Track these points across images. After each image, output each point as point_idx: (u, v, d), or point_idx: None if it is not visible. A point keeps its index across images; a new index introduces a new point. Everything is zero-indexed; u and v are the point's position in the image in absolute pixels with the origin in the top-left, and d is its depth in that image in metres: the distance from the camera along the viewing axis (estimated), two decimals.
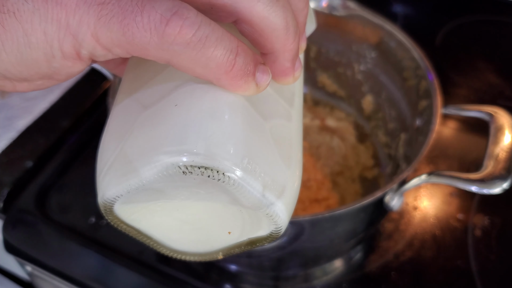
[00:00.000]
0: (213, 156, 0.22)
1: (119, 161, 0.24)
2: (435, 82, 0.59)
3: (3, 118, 0.76)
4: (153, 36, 0.21)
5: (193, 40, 0.21)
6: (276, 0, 0.23)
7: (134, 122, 0.25)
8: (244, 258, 0.56)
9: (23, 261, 0.66)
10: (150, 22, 0.21)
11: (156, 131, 0.23)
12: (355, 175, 0.72)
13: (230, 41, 0.22)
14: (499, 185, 0.49)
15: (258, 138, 0.24)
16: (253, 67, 0.23)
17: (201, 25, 0.21)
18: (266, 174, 0.24)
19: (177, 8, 0.21)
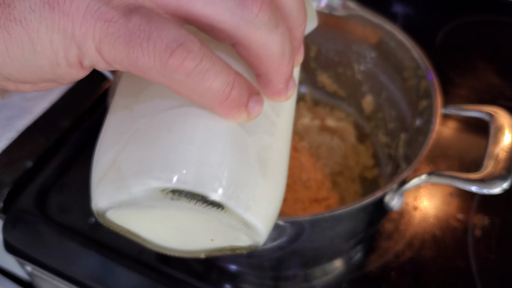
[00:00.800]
0: (201, 185, 0.24)
1: (113, 174, 0.26)
2: (435, 82, 0.59)
3: (3, 118, 0.76)
4: (156, 63, 0.22)
5: (193, 72, 0.22)
6: (275, 27, 0.24)
7: (128, 132, 0.26)
8: (244, 258, 0.56)
9: (23, 261, 0.66)
10: (155, 50, 0.21)
11: (149, 153, 0.25)
12: (355, 175, 0.72)
13: (228, 75, 0.23)
14: (499, 185, 0.49)
15: (244, 163, 0.26)
16: (246, 98, 0.24)
17: (203, 59, 0.22)
18: (250, 199, 0.26)
19: (182, 39, 0.22)
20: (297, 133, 0.77)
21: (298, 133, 0.77)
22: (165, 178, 0.24)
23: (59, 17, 0.23)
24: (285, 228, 0.49)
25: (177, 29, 0.22)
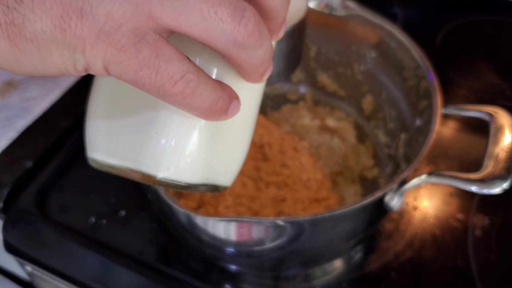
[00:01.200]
0: (179, 175, 0.31)
1: (108, 142, 0.32)
2: (435, 82, 0.59)
3: (3, 118, 0.77)
4: (160, 89, 0.25)
5: (189, 96, 0.26)
6: (260, 46, 0.26)
7: (121, 110, 0.31)
8: (244, 258, 0.57)
9: (23, 261, 0.66)
10: (161, 80, 0.25)
11: (141, 144, 0.30)
12: (355, 175, 0.72)
13: (216, 92, 0.27)
14: (499, 185, 0.49)
15: (217, 148, 0.32)
16: (227, 106, 0.28)
17: (199, 85, 0.26)
18: (218, 174, 0.33)
19: (184, 72, 0.25)
20: (297, 133, 0.77)
21: (298, 133, 0.77)
22: (153, 170, 0.31)
23: (71, 39, 0.24)
24: (285, 228, 0.49)
25: (181, 62, 0.25)
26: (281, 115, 0.81)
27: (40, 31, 0.24)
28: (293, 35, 0.51)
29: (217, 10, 0.24)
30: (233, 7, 0.24)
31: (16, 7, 0.24)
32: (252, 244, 0.53)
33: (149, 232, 0.65)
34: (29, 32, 0.24)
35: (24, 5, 0.24)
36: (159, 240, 0.64)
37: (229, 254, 0.56)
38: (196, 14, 0.24)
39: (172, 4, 0.24)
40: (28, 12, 0.24)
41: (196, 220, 0.52)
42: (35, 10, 0.24)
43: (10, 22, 0.24)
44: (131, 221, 0.66)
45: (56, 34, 0.24)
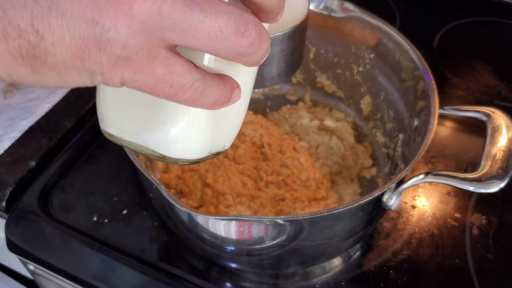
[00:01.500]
0: (188, 155, 0.34)
1: (121, 121, 0.33)
2: (432, 82, 0.60)
3: (6, 118, 0.77)
4: (172, 97, 0.28)
5: (197, 99, 0.28)
6: (260, 49, 0.28)
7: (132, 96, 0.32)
8: (244, 256, 0.57)
9: (26, 260, 0.67)
10: (174, 91, 0.27)
11: (152, 127, 0.32)
12: (354, 174, 0.72)
13: (220, 90, 0.29)
14: (496, 185, 0.50)
15: (220, 125, 0.35)
16: (230, 96, 0.30)
17: (206, 89, 0.28)
18: (220, 144, 0.36)
19: (193, 81, 0.27)
20: (297, 133, 0.77)
21: (297, 133, 0.77)
22: (160, 149, 0.33)
23: (90, 66, 0.26)
24: (284, 226, 0.49)
25: (190, 73, 0.27)
26: (281, 115, 0.81)
27: (61, 61, 0.26)
28: (294, 36, 0.51)
29: (222, 30, 0.26)
30: (237, 24, 0.26)
31: (38, 43, 0.25)
32: (252, 242, 0.53)
33: (151, 231, 0.65)
34: (51, 62, 0.26)
35: (45, 41, 0.25)
36: (161, 239, 0.65)
37: (229, 253, 0.56)
38: (204, 35, 0.26)
39: (182, 30, 0.26)
40: (49, 46, 0.25)
41: (197, 219, 0.52)
42: (55, 44, 0.25)
43: (32, 55, 0.26)
44: (132, 220, 0.66)
45: (76, 63, 0.26)
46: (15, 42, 0.25)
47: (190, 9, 0.25)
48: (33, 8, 0.24)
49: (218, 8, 0.26)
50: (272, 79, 0.55)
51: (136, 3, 0.24)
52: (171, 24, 0.25)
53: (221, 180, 0.67)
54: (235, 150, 0.72)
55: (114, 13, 0.25)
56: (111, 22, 0.25)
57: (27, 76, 0.27)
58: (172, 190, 0.69)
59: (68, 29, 0.25)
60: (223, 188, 0.66)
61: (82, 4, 0.24)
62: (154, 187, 0.50)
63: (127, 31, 0.25)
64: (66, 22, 0.25)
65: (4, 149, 0.73)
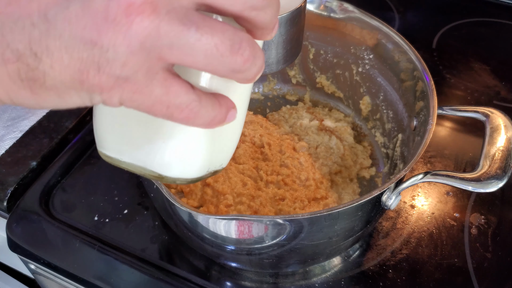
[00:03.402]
0: (186, 174, 0.34)
1: (118, 143, 0.34)
2: (431, 83, 0.60)
3: (7, 118, 0.77)
4: (169, 117, 0.28)
5: (192, 118, 0.28)
6: (254, 65, 0.28)
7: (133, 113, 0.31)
8: (244, 255, 0.57)
9: (27, 259, 0.67)
10: (171, 111, 0.28)
11: (150, 148, 0.33)
12: (353, 174, 0.73)
13: (215, 110, 0.29)
14: (495, 185, 0.50)
15: (216, 144, 0.35)
16: (225, 116, 0.30)
17: (201, 109, 0.28)
18: (217, 163, 0.36)
19: (190, 102, 0.28)
20: (296, 134, 0.78)
21: (297, 134, 0.78)
22: (157, 170, 0.33)
23: (89, 86, 0.26)
24: (284, 226, 0.50)
25: (186, 94, 0.28)
26: (281, 115, 0.82)
27: (60, 83, 0.26)
28: (293, 20, 0.51)
29: (218, 48, 0.26)
30: (232, 42, 0.27)
31: (36, 66, 0.25)
32: (252, 242, 0.53)
33: (151, 230, 0.66)
34: (50, 84, 0.26)
35: (43, 63, 0.25)
36: (161, 238, 0.65)
37: (229, 252, 0.57)
38: (200, 53, 0.26)
39: (180, 48, 0.26)
40: (48, 69, 0.25)
41: (197, 219, 0.52)
42: (54, 66, 0.25)
43: (31, 78, 0.26)
44: (133, 220, 0.67)
45: (75, 84, 0.26)
46: (14, 66, 0.25)
47: (187, 27, 0.25)
48: (31, 31, 0.24)
49: (213, 27, 0.26)
50: (271, 65, 0.55)
51: (134, 22, 0.24)
52: (169, 43, 0.25)
53: (221, 179, 0.67)
54: (235, 150, 0.72)
55: (112, 33, 0.24)
56: (110, 42, 0.25)
57: (27, 98, 0.27)
58: (173, 190, 0.69)
59: (67, 51, 0.25)
60: (223, 187, 0.66)
61: (80, 25, 0.24)
62: (154, 187, 0.50)
63: (126, 50, 0.25)
64: (64, 44, 0.25)
65: (5, 149, 0.73)
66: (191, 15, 0.26)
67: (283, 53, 0.54)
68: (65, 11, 0.24)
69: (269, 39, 0.33)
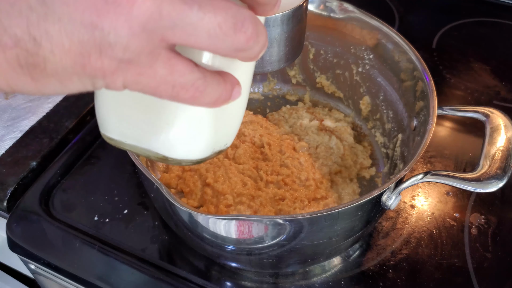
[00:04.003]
0: (191, 155, 0.34)
1: (122, 125, 0.33)
2: (431, 83, 0.60)
3: (7, 118, 0.77)
4: (174, 97, 0.28)
5: (198, 97, 0.28)
6: (258, 43, 0.28)
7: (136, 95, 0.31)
8: (244, 255, 0.57)
9: (27, 259, 0.67)
10: (176, 91, 0.27)
11: (154, 130, 0.32)
12: (353, 174, 0.73)
13: (220, 88, 0.29)
14: (495, 185, 0.50)
15: (221, 124, 0.35)
16: (230, 94, 0.30)
17: (206, 88, 0.28)
18: (222, 143, 0.36)
19: (195, 80, 0.27)
20: (296, 134, 0.78)
21: (297, 134, 0.78)
22: (161, 150, 0.33)
23: (91, 70, 0.25)
24: (284, 226, 0.50)
25: (191, 73, 0.27)
26: (281, 115, 0.82)
27: (61, 68, 0.25)
28: (296, 17, 0.51)
29: (221, 26, 0.26)
30: (234, 20, 0.26)
31: (36, 51, 0.24)
32: (252, 242, 0.53)
33: (151, 231, 0.66)
34: (51, 69, 0.25)
35: (43, 48, 0.24)
36: (161, 238, 0.65)
37: (229, 252, 0.57)
38: (203, 33, 0.26)
39: (182, 28, 0.25)
40: (48, 54, 0.25)
41: (197, 219, 0.52)
42: (54, 51, 0.24)
43: (30, 64, 0.25)
44: (133, 220, 0.67)
45: (76, 69, 0.25)
46: (12, 52, 0.24)
47: (189, 7, 0.25)
48: (29, 15, 0.24)
49: (216, 5, 0.26)
50: (273, 63, 0.55)
51: (136, 3, 0.24)
52: (171, 23, 0.25)
53: (221, 180, 0.67)
54: (235, 150, 0.72)
55: (113, 15, 0.24)
56: (111, 24, 0.24)
57: (27, 85, 0.26)
58: (173, 190, 0.69)
59: (67, 34, 0.24)
60: (223, 187, 0.66)
61: (80, 7, 0.24)
62: (155, 187, 0.50)
63: (128, 32, 0.24)
64: (64, 27, 0.24)
65: (5, 149, 0.73)
66: None
67: (285, 51, 0.54)
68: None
69: (271, 15, 0.32)
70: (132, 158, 0.53)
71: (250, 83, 0.37)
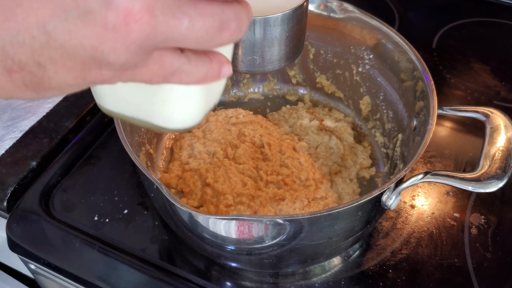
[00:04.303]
0: (185, 124, 0.36)
1: (118, 98, 0.35)
2: (431, 83, 0.60)
3: (7, 118, 0.77)
4: (164, 81, 0.30)
5: (185, 78, 0.30)
6: (240, 32, 0.30)
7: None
8: (244, 255, 0.57)
9: (27, 259, 0.67)
10: (166, 78, 0.29)
11: (150, 103, 0.35)
12: (353, 174, 0.73)
13: (206, 68, 0.30)
14: (495, 185, 0.50)
15: (209, 93, 0.37)
16: (219, 72, 0.31)
17: (192, 69, 0.30)
18: (211, 106, 0.38)
19: (181, 64, 0.29)
20: (296, 134, 0.78)
21: (297, 134, 0.78)
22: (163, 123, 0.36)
23: (91, 80, 0.28)
24: (284, 226, 0.50)
25: (178, 60, 0.29)
26: (281, 115, 0.82)
27: (64, 82, 0.27)
28: (297, 17, 0.51)
29: (208, 32, 0.28)
30: (220, 24, 0.28)
31: (41, 73, 0.26)
32: (252, 242, 0.53)
33: (151, 230, 0.66)
34: (54, 85, 0.27)
35: (47, 70, 0.26)
36: (161, 238, 0.65)
37: (229, 252, 0.57)
38: (193, 40, 0.28)
39: (174, 40, 0.27)
40: (52, 74, 0.26)
41: (197, 219, 0.52)
42: (58, 71, 0.26)
43: (36, 83, 0.27)
44: (133, 220, 0.67)
45: (78, 82, 0.27)
46: (18, 75, 0.26)
47: (180, 21, 0.26)
48: (32, 44, 0.25)
49: (203, 13, 0.27)
50: (274, 62, 0.55)
51: (133, 29, 0.25)
52: (164, 38, 0.27)
53: (221, 180, 0.67)
54: (235, 150, 0.73)
55: (112, 40, 0.25)
56: (110, 48, 0.26)
57: (29, 97, 0.28)
58: (173, 190, 0.69)
59: (69, 57, 0.26)
60: (223, 187, 0.66)
61: (80, 35, 0.25)
62: (155, 187, 0.50)
63: (125, 52, 0.26)
64: (66, 52, 0.26)
65: (5, 149, 0.73)
66: (183, 4, 0.27)
67: (286, 50, 0.54)
68: (64, 23, 0.25)
69: None
70: (132, 158, 0.53)
71: (232, 52, 0.39)
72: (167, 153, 0.76)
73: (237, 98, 0.86)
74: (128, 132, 0.62)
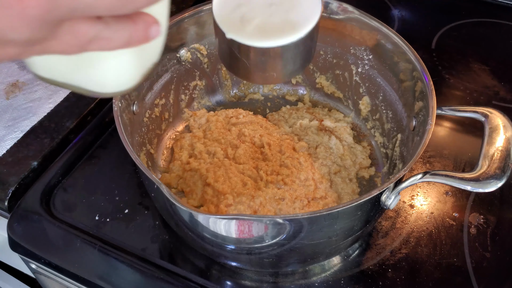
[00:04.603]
0: (121, 87, 0.36)
1: (52, 64, 0.34)
2: (430, 83, 0.60)
3: (8, 118, 0.77)
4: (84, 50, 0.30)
5: (107, 44, 0.30)
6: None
7: None
8: (244, 255, 0.57)
9: (28, 259, 0.67)
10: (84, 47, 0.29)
11: (84, 69, 0.34)
12: (352, 174, 0.73)
13: (129, 30, 0.30)
14: (494, 185, 0.51)
15: (145, 53, 0.36)
16: (146, 33, 0.31)
17: (112, 34, 0.29)
18: (150, 65, 0.37)
19: (98, 32, 0.29)
20: (296, 134, 0.78)
21: (297, 134, 0.78)
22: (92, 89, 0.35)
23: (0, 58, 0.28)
24: (284, 225, 0.50)
25: (94, 27, 0.28)
26: (280, 116, 0.82)
27: None
28: (312, 37, 0.52)
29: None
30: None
31: None
32: (252, 241, 0.53)
33: (152, 230, 0.66)
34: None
35: None
36: (162, 238, 0.65)
37: (229, 251, 0.57)
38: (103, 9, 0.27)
39: (82, 11, 0.27)
40: None
41: (198, 218, 0.53)
42: None
43: None
44: (134, 219, 0.67)
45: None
46: None
47: None
48: None
49: None
50: (291, 74, 0.56)
51: (29, 5, 0.25)
52: (68, 9, 0.26)
53: (221, 179, 0.68)
54: (235, 150, 0.73)
55: (8, 17, 0.25)
56: (7, 26, 0.25)
57: None
58: (173, 190, 0.70)
59: None
60: (224, 187, 0.66)
61: None
62: (155, 187, 0.50)
63: (27, 29, 0.26)
64: None
65: (6, 149, 0.73)
66: None
67: (299, 64, 0.54)
68: None
69: None
70: (133, 158, 0.53)
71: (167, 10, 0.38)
72: (168, 153, 0.76)
73: (237, 98, 0.86)
74: (129, 132, 0.62)
